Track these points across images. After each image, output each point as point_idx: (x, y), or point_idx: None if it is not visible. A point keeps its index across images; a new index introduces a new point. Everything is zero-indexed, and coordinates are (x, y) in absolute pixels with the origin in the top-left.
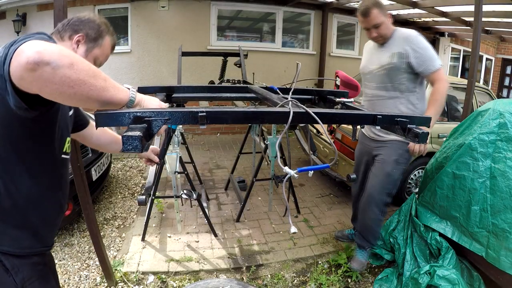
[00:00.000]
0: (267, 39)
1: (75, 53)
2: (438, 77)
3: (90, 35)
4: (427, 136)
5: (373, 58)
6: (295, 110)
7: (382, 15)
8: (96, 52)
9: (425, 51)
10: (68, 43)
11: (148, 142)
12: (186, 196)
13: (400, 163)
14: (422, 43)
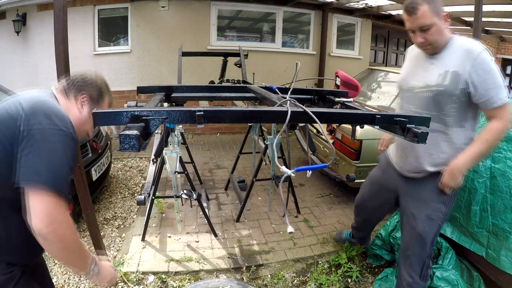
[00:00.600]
0: (267, 39)
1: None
2: (500, 115)
3: (93, 96)
4: (426, 135)
5: (418, 71)
6: (293, 109)
7: (434, 14)
8: None
9: (492, 77)
10: (73, 103)
11: (145, 141)
12: (186, 196)
13: (433, 219)
14: (489, 64)
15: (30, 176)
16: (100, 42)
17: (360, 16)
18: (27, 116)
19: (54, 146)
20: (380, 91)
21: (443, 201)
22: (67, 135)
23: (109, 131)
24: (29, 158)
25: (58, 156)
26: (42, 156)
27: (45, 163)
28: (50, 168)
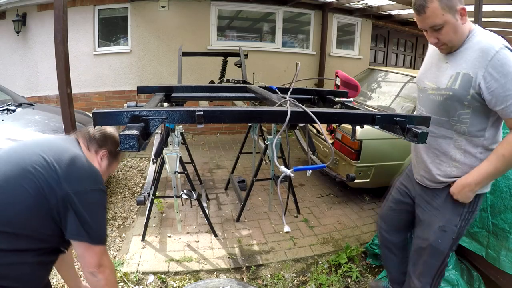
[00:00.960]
0: (267, 39)
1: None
2: None
3: (112, 152)
4: (426, 135)
5: (433, 70)
6: (293, 109)
7: (446, 11)
8: (114, 166)
9: (509, 79)
10: (94, 156)
11: (145, 141)
12: (186, 196)
13: (445, 231)
14: (508, 64)
15: (80, 235)
16: (100, 42)
17: (360, 16)
18: (69, 177)
19: (97, 206)
20: (380, 91)
21: (458, 213)
22: (104, 192)
23: None
24: (78, 219)
25: (100, 213)
26: (89, 217)
27: (92, 223)
28: (96, 226)
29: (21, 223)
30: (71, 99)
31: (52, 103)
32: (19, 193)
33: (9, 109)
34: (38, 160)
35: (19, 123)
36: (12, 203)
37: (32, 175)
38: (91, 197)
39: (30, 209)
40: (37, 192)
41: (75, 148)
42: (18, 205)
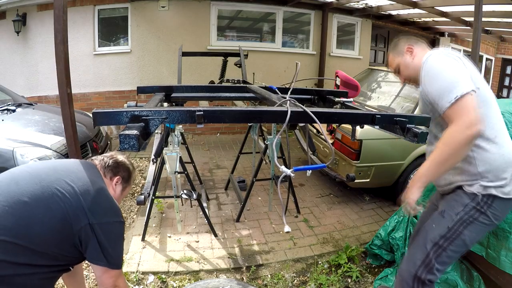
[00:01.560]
0: (267, 39)
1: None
2: (453, 116)
3: (125, 177)
4: (426, 135)
5: (423, 108)
6: (293, 109)
7: (396, 56)
8: (127, 190)
9: (436, 78)
10: (109, 182)
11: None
12: (186, 196)
13: (445, 217)
14: (433, 68)
15: (101, 260)
16: (100, 42)
17: (360, 16)
18: (94, 209)
19: (117, 236)
20: (380, 91)
21: (462, 203)
22: (123, 223)
23: (109, 131)
24: (100, 246)
25: (119, 242)
26: (109, 245)
27: (111, 250)
28: (115, 254)
29: (43, 241)
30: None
31: (52, 103)
32: (47, 214)
33: (9, 109)
34: (66, 188)
35: (19, 123)
36: (38, 222)
37: (60, 199)
38: (113, 228)
39: (53, 231)
40: (63, 217)
41: (99, 179)
42: (44, 225)
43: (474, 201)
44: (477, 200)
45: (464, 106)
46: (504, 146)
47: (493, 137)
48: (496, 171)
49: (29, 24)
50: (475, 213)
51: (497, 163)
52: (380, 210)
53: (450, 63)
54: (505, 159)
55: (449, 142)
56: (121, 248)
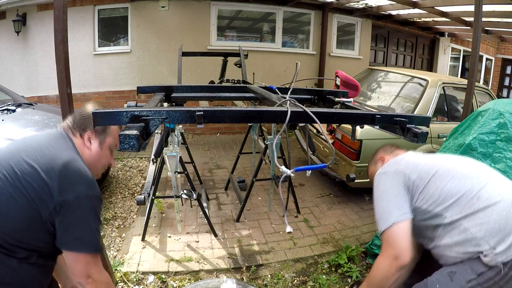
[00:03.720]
0: (267, 39)
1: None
2: (383, 244)
3: (98, 129)
4: (426, 135)
5: None
6: (293, 109)
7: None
8: (109, 141)
9: (375, 205)
10: (81, 141)
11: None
12: (186, 196)
13: (453, 280)
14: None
15: (67, 243)
16: (100, 42)
17: (360, 16)
18: (60, 187)
19: (88, 212)
20: (380, 91)
21: (478, 271)
22: (96, 198)
23: None
24: (65, 226)
25: (91, 220)
26: (77, 224)
27: (80, 230)
28: (85, 234)
29: (16, 234)
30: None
31: (52, 103)
32: (11, 204)
33: (9, 109)
34: (28, 171)
35: (19, 123)
36: (5, 215)
37: (23, 187)
38: (82, 203)
39: (22, 222)
40: (28, 205)
41: (67, 149)
42: (11, 217)
43: (492, 271)
44: (496, 271)
45: (391, 237)
46: (492, 198)
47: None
48: (502, 230)
49: (29, 24)
50: (492, 286)
51: (498, 224)
52: None
53: (386, 185)
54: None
55: (377, 275)
56: (95, 227)
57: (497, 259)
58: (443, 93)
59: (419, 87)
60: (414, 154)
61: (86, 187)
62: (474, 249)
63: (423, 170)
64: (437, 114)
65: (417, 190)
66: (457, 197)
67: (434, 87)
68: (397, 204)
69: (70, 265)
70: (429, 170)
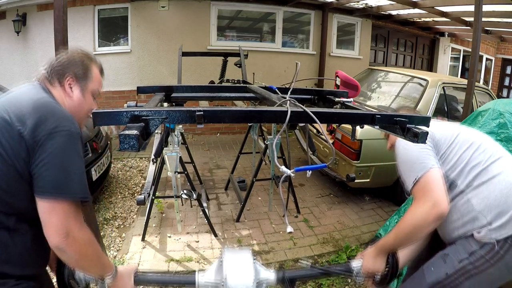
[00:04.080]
0: (267, 39)
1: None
2: (416, 194)
3: (78, 74)
4: (426, 135)
5: None
6: (293, 109)
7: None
8: (91, 86)
9: (401, 162)
10: (60, 90)
11: (145, 141)
12: (186, 196)
13: (447, 262)
14: (398, 150)
15: (45, 189)
16: (100, 42)
17: (360, 16)
18: (30, 129)
19: (65, 150)
20: (380, 91)
21: (468, 250)
22: (72, 134)
23: (109, 131)
24: (43, 169)
25: (71, 159)
26: (55, 164)
27: (59, 172)
28: (65, 176)
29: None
30: None
31: None
32: None
33: None
34: (1, 125)
35: None
36: None
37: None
38: (54, 140)
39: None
40: (2, 161)
41: (38, 93)
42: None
43: (483, 249)
44: (487, 249)
45: (425, 185)
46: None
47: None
48: (502, 209)
49: (29, 24)
50: (484, 264)
51: (499, 201)
52: (380, 210)
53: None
54: (503, 192)
55: (412, 223)
56: (75, 167)
57: (491, 235)
58: (443, 93)
59: (419, 87)
60: (435, 120)
61: (59, 123)
62: (470, 223)
63: (446, 133)
64: (437, 114)
65: (440, 151)
66: (470, 166)
67: (434, 87)
68: (428, 155)
69: (45, 222)
70: (452, 134)
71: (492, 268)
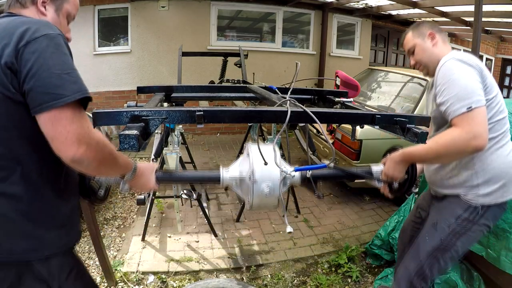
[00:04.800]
0: (267, 39)
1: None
2: (457, 124)
3: None
4: (426, 135)
5: (429, 99)
6: (293, 109)
7: (416, 37)
8: (66, 8)
9: (453, 84)
10: (33, 9)
11: (145, 141)
12: (186, 196)
13: (437, 229)
14: (449, 72)
15: (41, 100)
16: (100, 42)
17: (360, 16)
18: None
19: (49, 54)
20: (380, 91)
21: (454, 215)
22: (53, 36)
23: (109, 131)
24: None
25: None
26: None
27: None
28: (59, 79)
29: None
30: None
31: None
32: None
33: None
34: None
35: None
36: None
37: None
38: (32, 48)
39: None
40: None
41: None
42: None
43: (467, 212)
44: (470, 211)
45: (475, 117)
46: (506, 151)
47: (499, 144)
48: (494, 178)
49: None
50: (468, 224)
51: (496, 170)
52: (380, 210)
53: (469, 72)
54: (505, 163)
55: (450, 144)
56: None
57: (477, 200)
58: None
59: (419, 87)
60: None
61: (33, 31)
62: (462, 179)
63: (494, 84)
64: None
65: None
66: (496, 128)
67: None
68: (479, 89)
69: (52, 138)
70: (498, 89)
71: (476, 226)
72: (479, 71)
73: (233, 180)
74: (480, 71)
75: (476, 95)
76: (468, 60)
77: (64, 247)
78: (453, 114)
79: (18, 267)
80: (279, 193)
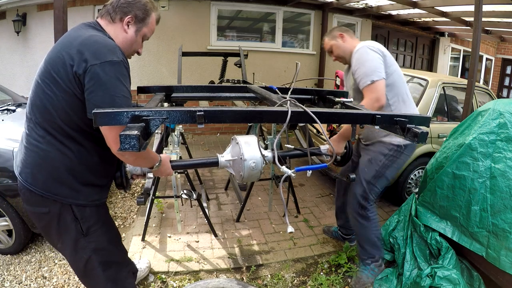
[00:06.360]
0: (267, 39)
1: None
2: (366, 94)
3: (139, 16)
4: (426, 135)
5: (347, 80)
6: (293, 109)
7: (331, 39)
8: (144, 31)
9: (363, 64)
10: (119, 25)
11: (146, 141)
12: (186, 196)
13: (372, 163)
14: (361, 56)
15: None
16: None
17: (360, 16)
18: (78, 62)
19: (109, 78)
20: None
21: (383, 153)
22: (119, 63)
23: None
24: (92, 96)
25: (114, 86)
26: (100, 92)
27: (104, 97)
28: (110, 100)
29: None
30: None
31: None
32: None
33: (9, 109)
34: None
35: (19, 123)
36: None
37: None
38: (97, 70)
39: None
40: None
41: (88, 30)
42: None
43: (391, 151)
44: (393, 149)
45: (375, 88)
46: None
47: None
48: None
49: (29, 24)
50: (393, 159)
51: None
52: (380, 210)
53: (373, 55)
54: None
55: None
56: (117, 91)
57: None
58: (443, 93)
59: (419, 87)
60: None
61: (101, 56)
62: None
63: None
64: (437, 114)
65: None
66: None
67: (434, 87)
68: (383, 68)
69: (106, 136)
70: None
71: (399, 159)
72: (381, 54)
73: (228, 162)
74: (382, 54)
75: (377, 72)
76: (373, 47)
77: (96, 201)
78: (361, 86)
79: (62, 205)
80: (261, 167)
